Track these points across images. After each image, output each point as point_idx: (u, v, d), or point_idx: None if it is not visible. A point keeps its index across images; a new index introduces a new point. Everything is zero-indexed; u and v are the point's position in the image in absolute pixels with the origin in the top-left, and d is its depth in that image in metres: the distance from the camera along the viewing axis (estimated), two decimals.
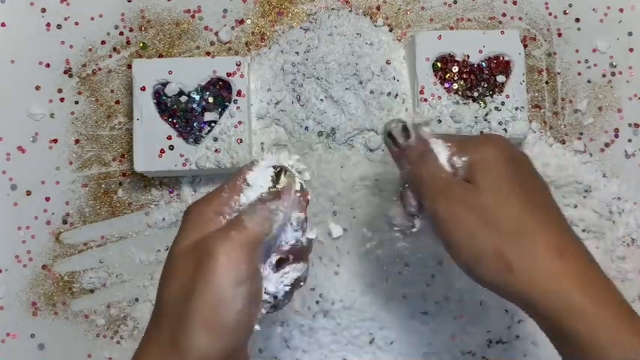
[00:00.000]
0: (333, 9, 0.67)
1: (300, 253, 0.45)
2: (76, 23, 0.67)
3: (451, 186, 0.43)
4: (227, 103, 0.62)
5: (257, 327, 0.41)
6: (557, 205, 0.44)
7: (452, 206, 0.43)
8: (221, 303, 0.38)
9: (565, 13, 0.69)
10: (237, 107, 0.61)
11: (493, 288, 0.42)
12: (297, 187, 0.44)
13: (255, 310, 0.41)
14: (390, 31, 0.67)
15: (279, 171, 0.45)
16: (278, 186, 0.44)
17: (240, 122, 0.61)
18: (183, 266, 0.40)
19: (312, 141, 0.64)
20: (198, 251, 0.39)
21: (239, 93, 0.62)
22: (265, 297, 0.42)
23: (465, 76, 0.63)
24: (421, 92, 0.62)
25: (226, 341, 0.39)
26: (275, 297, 0.43)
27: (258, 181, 0.44)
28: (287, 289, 0.44)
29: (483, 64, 0.63)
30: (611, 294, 0.41)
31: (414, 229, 0.47)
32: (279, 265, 0.44)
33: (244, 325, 0.39)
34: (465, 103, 0.62)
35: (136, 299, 0.65)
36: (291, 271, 0.44)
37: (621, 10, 0.69)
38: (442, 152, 0.45)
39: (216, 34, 0.67)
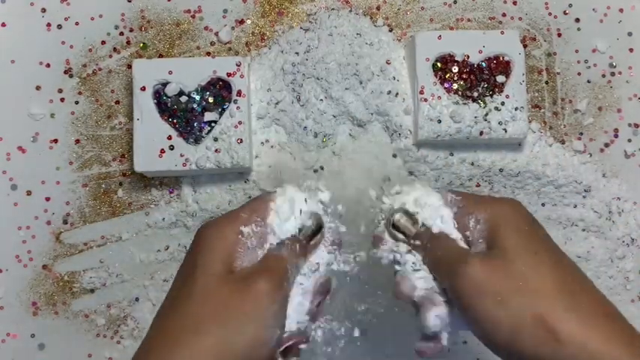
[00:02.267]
0: (333, 9, 0.67)
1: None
2: (77, 23, 0.67)
3: (472, 259, 0.39)
4: (227, 103, 0.62)
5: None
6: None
7: (477, 280, 0.38)
8: (258, 342, 0.39)
9: (565, 13, 0.69)
10: (237, 107, 0.61)
11: (537, 359, 0.37)
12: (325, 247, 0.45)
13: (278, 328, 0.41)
14: (390, 31, 0.67)
15: (317, 228, 0.45)
16: (312, 242, 0.44)
17: (240, 122, 0.61)
18: (222, 293, 0.39)
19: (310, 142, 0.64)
20: (243, 284, 0.39)
21: (239, 93, 0.62)
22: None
23: (464, 76, 0.63)
24: (421, 92, 0.62)
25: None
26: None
27: (285, 214, 0.44)
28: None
29: (483, 64, 0.63)
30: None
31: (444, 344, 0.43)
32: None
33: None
34: (464, 103, 0.62)
35: (137, 299, 0.65)
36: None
37: (621, 10, 0.69)
38: (451, 209, 0.44)
39: (217, 34, 0.67)
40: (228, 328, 0.38)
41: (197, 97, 0.62)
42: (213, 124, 0.61)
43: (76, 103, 0.66)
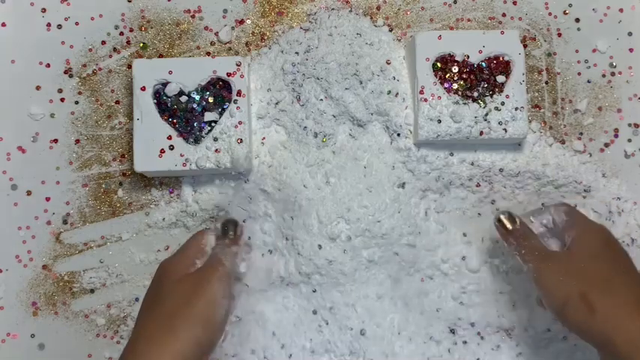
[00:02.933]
0: (333, 9, 0.67)
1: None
2: (77, 23, 0.67)
3: (547, 254, 0.56)
4: (227, 103, 0.62)
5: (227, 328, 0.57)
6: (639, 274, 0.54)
7: (548, 266, 0.54)
8: (215, 309, 0.53)
9: (565, 13, 0.69)
10: (238, 107, 0.61)
11: (577, 329, 0.51)
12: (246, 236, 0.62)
13: (229, 316, 0.57)
14: (390, 31, 0.67)
15: (235, 225, 0.60)
16: (231, 234, 0.59)
17: (240, 122, 0.61)
18: (181, 287, 0.54)
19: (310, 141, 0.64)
20: (196, 278, 0.55)
21: (239, 93, 0.62)
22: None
23: (464, 76, 0.63)
24: (421, 92, 0.62)
25: (213, 334, 0.53)
26: None
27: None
28: None
29: (483, 64, 0.63)
30: None
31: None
32: None
33: (223, 327, 0.55)
34: (464, 103, 0.62)
35: (136, 299, 0.65)
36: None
37: (621, 10, 0.69)
38: (556, 226, 0.59)
39: (217, 34, 0.67)
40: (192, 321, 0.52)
41: (197, 97, 0.62)
42: (213, 124, 0.61)
43: (76, 103, 0.66)
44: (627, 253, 0.56)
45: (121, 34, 0.67)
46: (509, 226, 0.59)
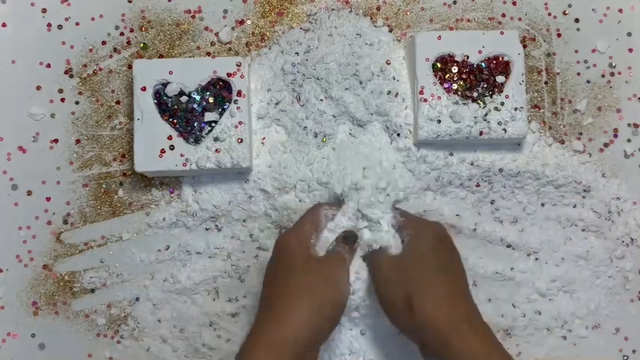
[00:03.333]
0: (333, 9, 0.67)
1: None
2: (77, 24, 0.67)
3: (382, 258, 0.58)
4: (227, 104, 0.62)
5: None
6: (465, 274, 0.57)
7: (381, 269, 0.57)
8: (338, 300, 0.55)
9: (564, 13, 0.69)
10: (238, 107, 0.62)
11: (401, 327, 0.56)
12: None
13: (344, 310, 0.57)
14: (390, 31, 0.67)
15: (355, 237, 0.60)
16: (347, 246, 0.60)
17: (240, 122, 0.61)
18: (309, 272, 0.55)
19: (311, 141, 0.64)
20: (323, 268, 0.56)
21: (239, 93, 0.62)
22: None
23: (464, 76, 0.63)
24: (421, 92, 0.62)
25: (331, 325, 0.55)
26: None
27: (338, 229, 0.60)
28: None
29: (483, 64, 0.63)
30: (476, 320, 0.53)
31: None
32: None
33: (339, 319, 0.56)
34: (464, 104, 0.62)
35: (137, 299, 0.65)
36: None
37: (620, 11, 0.69)
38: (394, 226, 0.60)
39: (217, 34, 0.67)
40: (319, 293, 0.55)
41: (197, 97, 0.62)
42: (213, 124, 0.62)
43: (77, 103, 0.66)
44: (455, 249, 0.58)
45: (122, 34, 0.67)
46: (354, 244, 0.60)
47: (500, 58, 0.63)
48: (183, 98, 0.62)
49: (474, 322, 0.53)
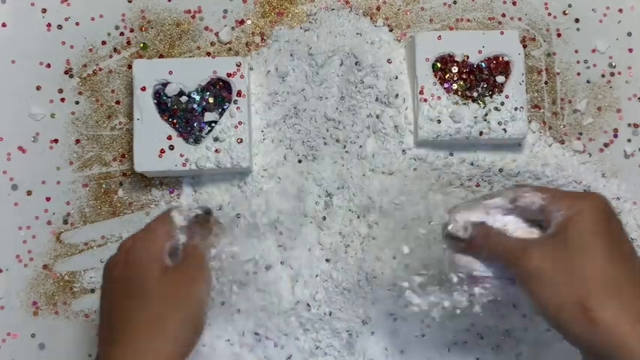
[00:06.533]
0: (333, 9, 0.67)
1: None
2: (77, 23, 0.67)
3: (529, 246, 0.45)
4: (227, 104, 0.62)
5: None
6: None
7: (536, 262, 0.44)
8: (202, 309, 0.50)
9: (564, 13, 0.69)
10: (238, 107, 0.62)
11: (576, 339, 0.43)
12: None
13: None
14: (390, 31, 0.67)
15: (210, 213, 0.55)
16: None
17: (240, 122, 0.61)
18: (167, 286, 0.49)
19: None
20: (181, 277, 0.50)
21: (239, 93, 0.62)
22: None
23: (464, 76, 0.63)
24: (421, 92, 0.62)
25: (199, 334, 0.50)
26: None
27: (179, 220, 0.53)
28: None
29: (483, 64, 0.63)
30: None
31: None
32: None
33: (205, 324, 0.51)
34: (464, 104, 0.62)
35: None
36: None
37: (620, 11, 0.69)
38: (535, 203, 0.47)
39: (217, 34, 0.67)
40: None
41: (197, 98, 0.62)
42: (213, 125, 0.62)
43: (77, 103, 0.66)
44: (629, 237, 0.46)
45: (122, 34, 0.67)
46: (462, 237, 0.49)
47: (500, 58, 0.63)
48: (183, 98, 0.62)
49: None
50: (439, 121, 0.62)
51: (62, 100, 0.66)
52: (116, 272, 0.50)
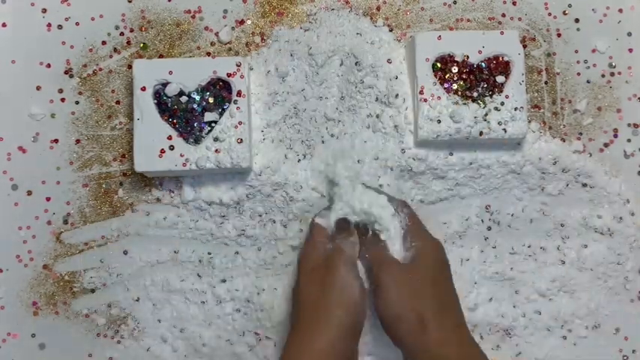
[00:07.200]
0: (333, 9, 0.67)
1: None
2: (77, 24, 0.67)
3: (390, 262, 0.57)
4: (227, 104, 0.62)
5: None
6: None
7: (392, 278, 0.56)
8: (349, 291, 0.56)
9: (564, 13, 0.69)
10: (238, 107, 0.62)
11: (406, 345, 0.55)
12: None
13: (366, 296, 0.58)
14: (390, 31, 0.67)
15: (349, 222, 0.60)
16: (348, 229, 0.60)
17: (240, 122, 0.61)
18: (314, 277, 0.57)
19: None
20: (324, 268, 0.57)
21: (239, 93, 0.62)
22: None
23: (464, 76, 0.63)
24: (421, 92, 0.62)
25: (355, 316, 0.56)
26: None
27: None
28: None
29: (483, 64, 0.63)
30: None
31: None
32: None
33: (363, 307, 0.57)
34: (464, 104, 0.62)
35: (137, 299, 0.65)
36: None
37: (620, 11, 0.69)
38: (402, 222, 0.60)
39: (217, 34, 0.67)
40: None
41: (197, 98, 0.62)
42: (213, 124, 0.62)
43: (77, 103, 0.66)
44: (451, 274, 0.59)
45: (122, 34, 0.67)
46: (350, 225, 0.60)
47: (500, 58, 0.63)
48: (183, 98, 0.62)
49: (474, 347, 0.55)
50: (439, 121, 0.62)
51: (62, 100, 0.66)
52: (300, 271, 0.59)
